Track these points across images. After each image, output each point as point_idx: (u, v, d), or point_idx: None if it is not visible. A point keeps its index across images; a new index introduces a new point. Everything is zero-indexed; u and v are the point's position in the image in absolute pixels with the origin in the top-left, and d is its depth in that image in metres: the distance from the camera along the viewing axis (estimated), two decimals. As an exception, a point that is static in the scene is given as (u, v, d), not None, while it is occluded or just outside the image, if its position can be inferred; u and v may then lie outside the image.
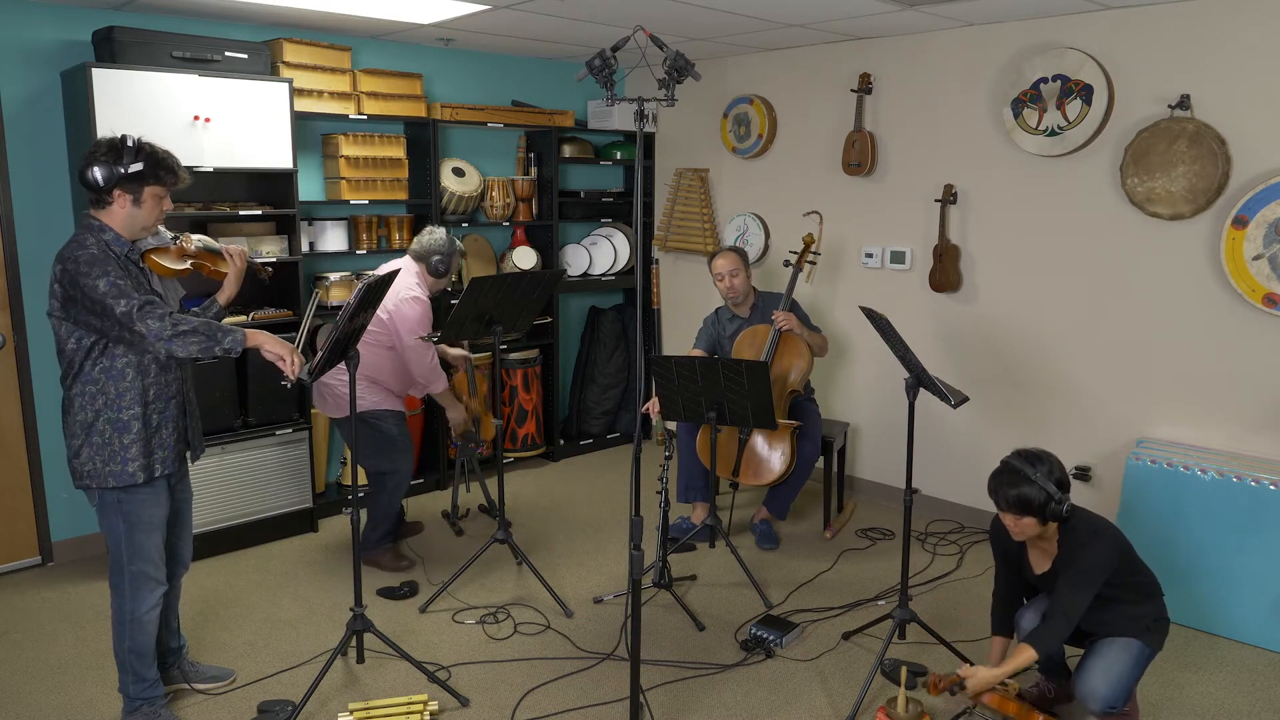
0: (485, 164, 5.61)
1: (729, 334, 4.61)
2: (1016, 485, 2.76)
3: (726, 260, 4.50)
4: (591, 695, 3.21)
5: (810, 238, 4.61)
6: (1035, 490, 2.73)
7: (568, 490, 5.34)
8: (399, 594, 3.95)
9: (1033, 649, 2.76)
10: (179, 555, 3.09)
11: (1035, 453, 2.83)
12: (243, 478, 4.40)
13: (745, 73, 5.58)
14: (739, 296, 4.52)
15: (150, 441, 2.78)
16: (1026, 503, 2.75)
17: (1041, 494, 2.73)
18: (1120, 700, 2.82)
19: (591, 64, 2.66)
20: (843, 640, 3.61)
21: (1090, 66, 4.10)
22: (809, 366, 4.40)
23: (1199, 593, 3.69)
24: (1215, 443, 3.96)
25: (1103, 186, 4.19)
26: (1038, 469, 2.76)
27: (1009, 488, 2.77)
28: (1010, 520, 2.82)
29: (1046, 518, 2.76)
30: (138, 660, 2.91)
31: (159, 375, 2.79)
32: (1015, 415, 4.61)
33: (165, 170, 2.72)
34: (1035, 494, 2.73)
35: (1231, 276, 3.79)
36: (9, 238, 4.04)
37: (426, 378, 4.12)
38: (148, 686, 2.95)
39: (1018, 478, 2.76)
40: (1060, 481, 2.76)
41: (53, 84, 4.11)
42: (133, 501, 2.79)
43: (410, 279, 4.07)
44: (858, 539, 4.65)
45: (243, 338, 2.72)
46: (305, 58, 4.56)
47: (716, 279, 4.52)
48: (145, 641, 2.90)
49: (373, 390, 4.05)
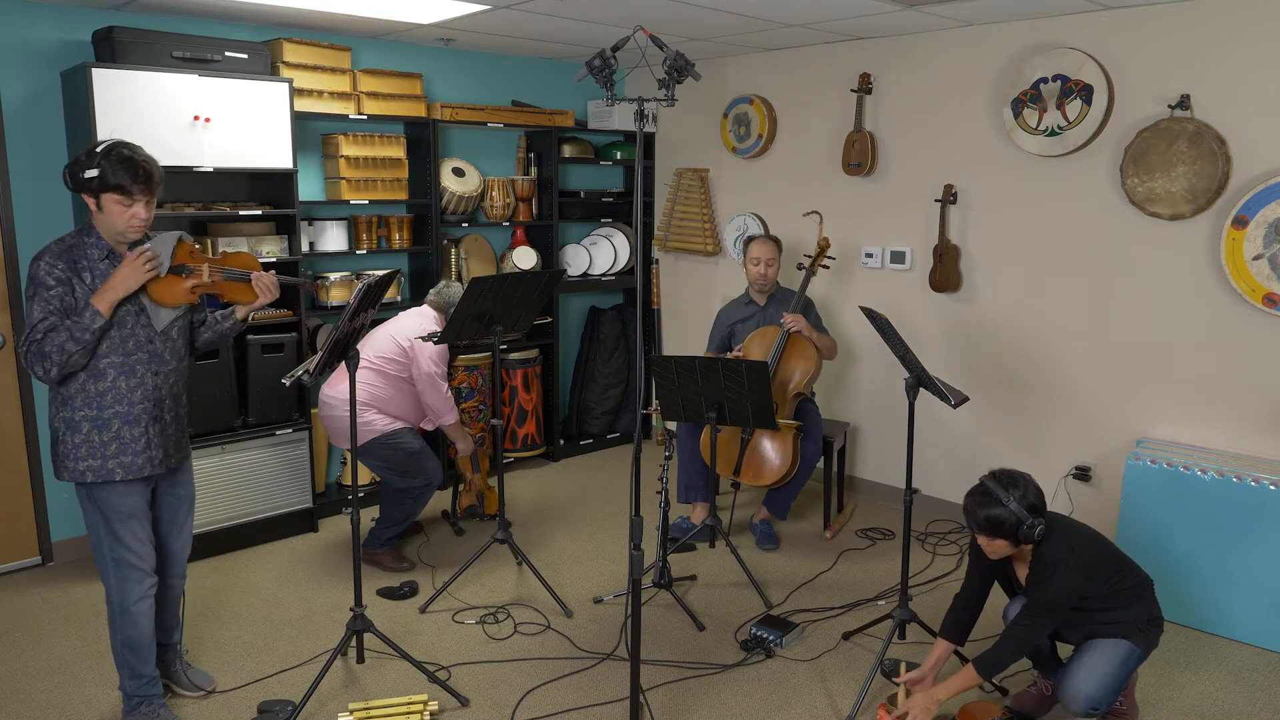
0: (485, 164, 5.61)
1: (742, 318, 4.64)
2: (988, 507, 2.75)
3: (766, 248, 4.54)
4: (591, 695, 3.21)
5: (825, 241, 4.61)
6: (1006, 514, 2.72)
7: (568, 490, 5.35)
8: (399, 594, 3.95)
9: (976, 672, 2.79)
10: (175, 554, 3.07)
11: (1011, 475, 2.81)
12: (243, 478, 4.40)
13: (745, 73, 5.58)
14: (767, 285, 4.57)
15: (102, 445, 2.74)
16: (998, 525, 2.74)
17: (1012, 518, 2.72)
18: (1104, 702, 2.81)
19: (591, 64, 2.66)
20: (843, 640, 3.61)
21: (1090, 66, 4.10)
22: (816, 370, 4.39)
23: (1199, 593, 3.69)
24: (1215, 443, 3.96)
25: (1103, 186, 4.19)
26: (1010, 493, 2.74)
27: (980, 509, 2.76)
28: (983, 540, 2.82)
29: (1019, 540, 2.76)
30: (132, 655, 2.90)
31: (117, 380, 2.75)
32: (1015, 415, 4.61)
33: (121, 178, 2.63)
34: (1006, 517, 2.72)
35: (1231, 276, 3.79)
36: (9, 238, 4.05)
37: (439, 409, 4.16)
38: (144, 684, 2.94)
39: (989, 500, 2.75)
40: (1033, 506, 2.74)
41: (53, 84, 4.12)
42: (103, 493, 2.79)
43: (429, 324, 4.18)
44: (858, 539, 4.65)
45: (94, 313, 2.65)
46: (305, 58, 4.57)
47: (752, 262, 4.55)
48: (136, 635, 2.88)
49: (383, 416, 4.08)
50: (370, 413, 4.03)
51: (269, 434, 4.45)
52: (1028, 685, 3.18)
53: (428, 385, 4.10)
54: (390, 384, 4.08)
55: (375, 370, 4.05)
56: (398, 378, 4.10)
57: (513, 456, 5.70)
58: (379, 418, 4.05)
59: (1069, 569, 2.75)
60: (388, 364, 4.07)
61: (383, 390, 4.06)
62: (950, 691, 2.84)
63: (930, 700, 2.85)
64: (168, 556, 3.05)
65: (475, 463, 4.79)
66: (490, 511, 4.83)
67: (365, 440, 4.00)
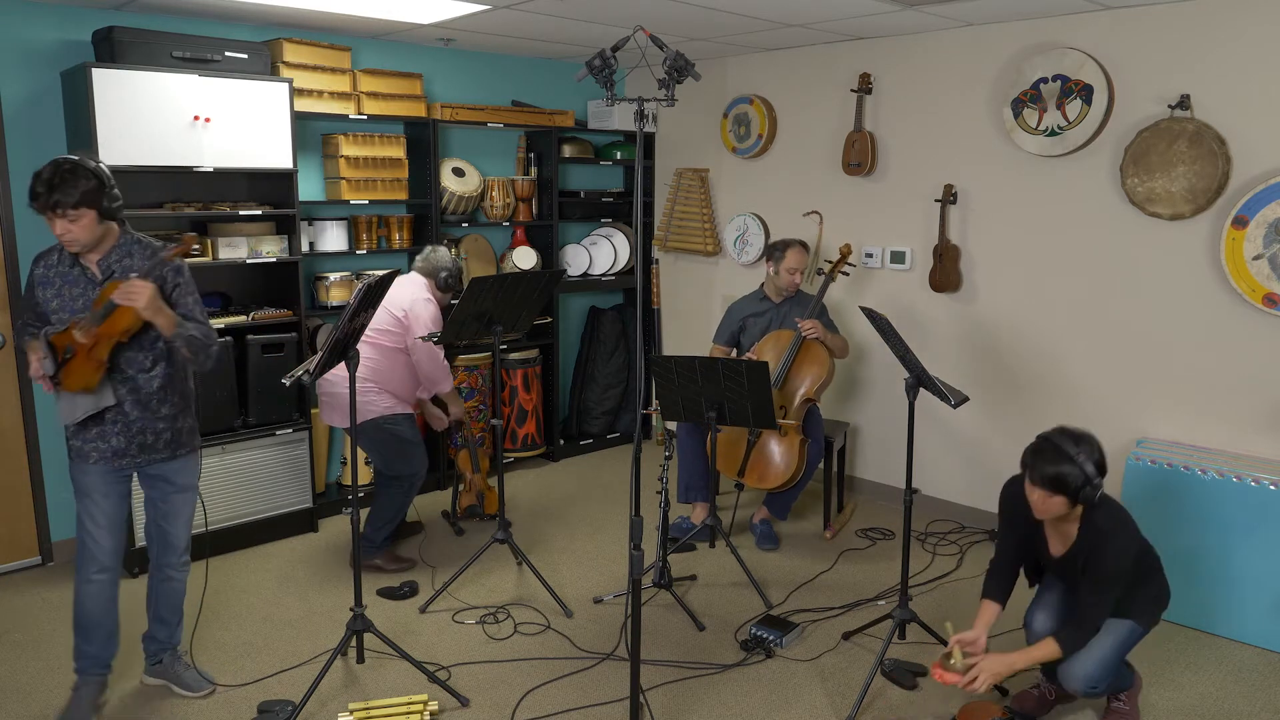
0: (485, 164, 5.61)
1: (755, 313, 4.62)
2: (1056, 463, 2.65)
3: (800, 259, 4.50)
4: (591, 695, 3.21)
5: (847, 248, 4.61)
6: (1074, 471, 2.63)
7: (568, 490, 5.34)
8: (399, 594, 3.94)
9: (1059, 647, 2.72)
10: (171, 542, 3.10)
11: (1079, 432, 2.72)
12: (243, 478, 4.40)
13: (745, 73, 5.58)
14: (792, 292, 4.57)
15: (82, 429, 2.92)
16: (1062, 482, 2.65)
17: (1080, 476, 2.64)
18: (1103, 680, 2.79)
19: (591, 64, 2.66)
20: (843, 640, 3.61)
21: (1090, 66, 4.10)
22: (828, 376, 4.39)
23: (1199, 592, 3.69)
24: (1215, 443, 3.96)
25: (1103, 186, 4.19)
26: (1080, 448, 2.66)
27: (1048, 464, 2.66)
28: (1039, 497, 2.72)
29: (1078, 500, 2.69)
30: (78, 631, 3.02)
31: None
32: (1015, 415, 4.61)
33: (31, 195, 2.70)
34: (1073, 475, 2.63)
35: (1231, 276, 3.79)
36: (9, 238, 4.05)
37: (436, 376, 4.15)
38: (87, 662, 3.04)
39: (1059, 455, 2.65)
40: (1099, 464, 2.68)
41: (53, 84, 4.11)
42: (73, 469, 2.99)
43: (420, 290, 4.14)
44: (858, 539, 4.65)
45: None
46: (305, 58, 4.57)
47: (787, 271, 4.49)
48: (81, 614, 3.00)
49: (383, 396, 4.07)
50: (371, 392, 4.01)
51: (269, 434, 4.45)
52: (1029, 686, 3.17)
53: (424, 353, 4.07)
54: (387, 357, 4.05)
55: (371, 344, 4.01)
56: (394, 349, 4.06)
57: (513, 456, 5.70)
58: (380, 398, 4.03)
59: (1128, 536, 2.71)
60: (383, 335, 4.04)
61: (380, 363, 4.04)
62: (1028, 660, 2.76)
63: (1003, 664, 2.77)
64: (164, 545, 3.10)
65: (475, 463, 4.79)
66: (490, 511, 4.83)
67: (364, 420, 3.98)
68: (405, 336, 4.07)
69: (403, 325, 4.06)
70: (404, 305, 4.05)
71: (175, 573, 3.13)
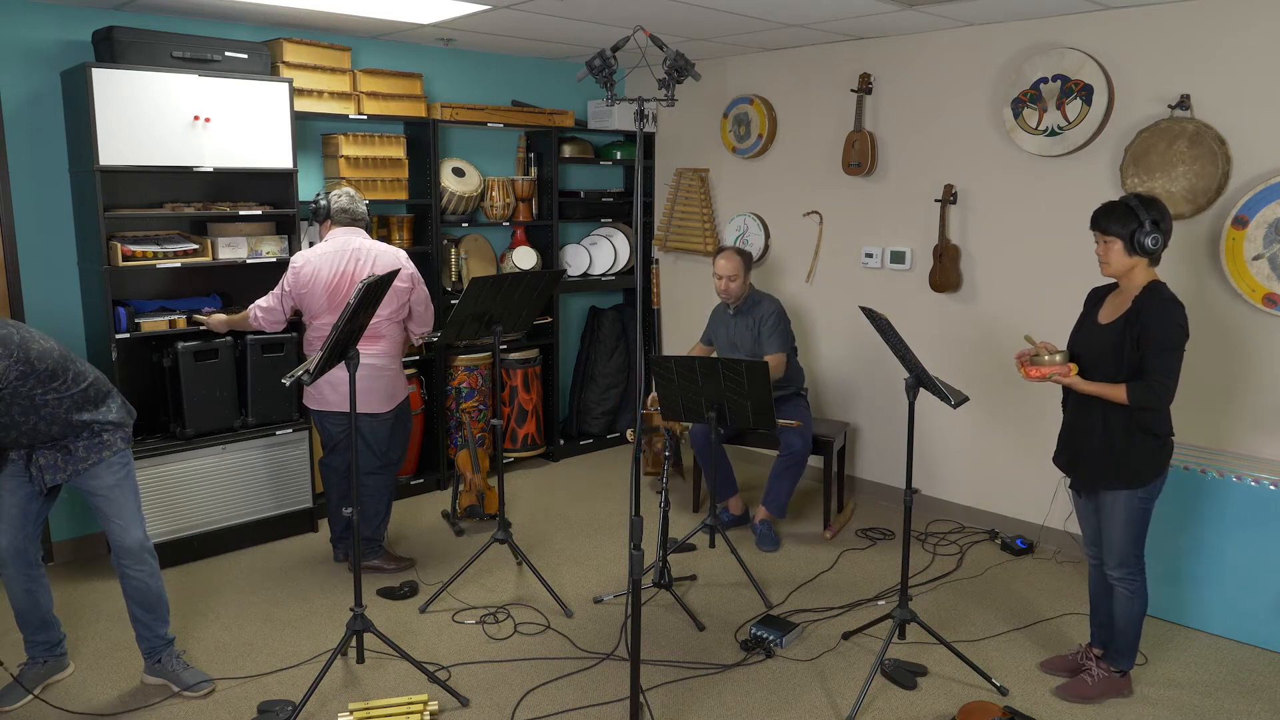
0: (485, 164, 5.61)
1: (720, 322, 4.78)
2: (1116, 208, 2.92)
3: (730, 263, 4.54)
4: (591, 695, 3.21)
5: None
6: (1130, 214, 2.87)
7: (567, 490, 5.34)
8: (399, 594, 3.95)
9: (1126, 394, 2.90)
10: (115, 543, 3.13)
11: (1152, 198, 2.92)
12: (242, 477, 4.40)
13: (745, 73, 5.58)
14: (731, 299, 4.61)
15: None
16: (1117, 219, 2.89)
17: (1134, 220, 2.87)
18: (1130, 555, 3.02)
19: (591, 64, 2.66)
20: (843, 640, 3.61)
21: (1090, 66, 4.10)
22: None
23: (1199, 592, 3.69)
24: (1215, 442, 3.96)
25: (1103, 186, 4.19)
26: (1142, 202, 2.89)
27: (1111, 208, 2.93)
28: (1101, 247, 2.96)
29: (1134, 247, 2.89)
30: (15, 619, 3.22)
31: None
32: (1015, 415, 4.61)
33: None
34: (1128, 216, 2.87)
35: (1231, 276, 3.78)
36: (9, 238, 4.04)
37: (428, 320, 4.12)
38: (29, 644, 3.23)
39: (1122, 205, 2.91)
40: (1157, 221, 2.87)
41: (53, 84, 4.12)
42: None
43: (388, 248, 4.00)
44: (858, 539, 4.65)
45: None
46: (305, 58, 4.57)
47: (715, 278, 4.59)
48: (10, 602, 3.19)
49: (400, 376, 4.06)
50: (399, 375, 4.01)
51: (269, 434, 4.45)
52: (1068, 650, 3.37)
53: (425, 305, 4.05)
54: (396, 330, 4.01)
55: (390, 322, 3.95)
56: (400, 322, 4.02)
57: (513, 456, 5.70)
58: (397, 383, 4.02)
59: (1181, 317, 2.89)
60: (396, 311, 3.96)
61: (398, 338, 4.02)
62: (1099, 389, 2.96)
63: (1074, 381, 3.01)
64: (113, 547, 3.14)
65: (475, 462, 4.80)
66: (490, 511, 4.83)
67: (399, 402, 4.03)
68: (408, 293, 3.96)
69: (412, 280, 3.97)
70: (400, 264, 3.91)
71: (130, 570, 3.14)
